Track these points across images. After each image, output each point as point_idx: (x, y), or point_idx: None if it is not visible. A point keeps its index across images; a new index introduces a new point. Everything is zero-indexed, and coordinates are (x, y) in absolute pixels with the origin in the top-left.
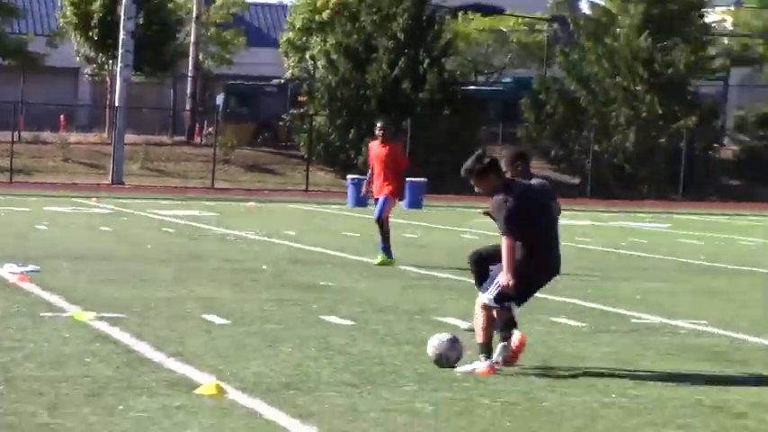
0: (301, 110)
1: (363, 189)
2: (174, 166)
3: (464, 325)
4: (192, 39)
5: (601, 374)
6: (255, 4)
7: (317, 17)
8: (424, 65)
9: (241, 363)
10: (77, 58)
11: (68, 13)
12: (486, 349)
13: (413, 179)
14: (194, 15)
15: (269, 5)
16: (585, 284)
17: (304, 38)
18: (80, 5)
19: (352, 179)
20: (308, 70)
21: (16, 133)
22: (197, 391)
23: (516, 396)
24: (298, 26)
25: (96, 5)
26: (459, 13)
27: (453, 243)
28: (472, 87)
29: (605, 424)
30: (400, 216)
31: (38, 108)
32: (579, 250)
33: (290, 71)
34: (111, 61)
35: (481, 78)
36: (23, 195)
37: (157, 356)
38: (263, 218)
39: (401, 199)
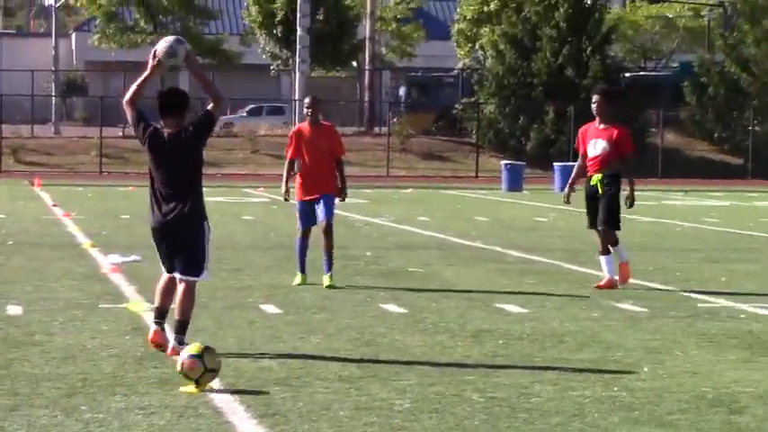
0: (472, 99)
1: (283, 188)
2: (355, 156)
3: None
4: (368, 34)
5: (621, 365)
6: None
7: (485, 8)
8: (587, 52)
9: (258, 355)
10: (263, 56)
11: (253, 12)
12: None
13: (568, 163)
14: (368, 11)
15: None
16: (678, 266)
17: (474, 29)
18: (263, 4)
19: (506, 164)
20: (479, 60)
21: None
22: (182, 388)
23: (510, 391)
24: (468, 17)
25: (278, 4)
26: (627, 1)
27: (576, 227)
28: (641, 73)
29: (582, 422)
30: (546, 200)
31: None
32: (697, 230)
33: (462, 61)
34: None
35: (651, 64)
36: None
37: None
38: (409, 204)
39: (343, 198)
